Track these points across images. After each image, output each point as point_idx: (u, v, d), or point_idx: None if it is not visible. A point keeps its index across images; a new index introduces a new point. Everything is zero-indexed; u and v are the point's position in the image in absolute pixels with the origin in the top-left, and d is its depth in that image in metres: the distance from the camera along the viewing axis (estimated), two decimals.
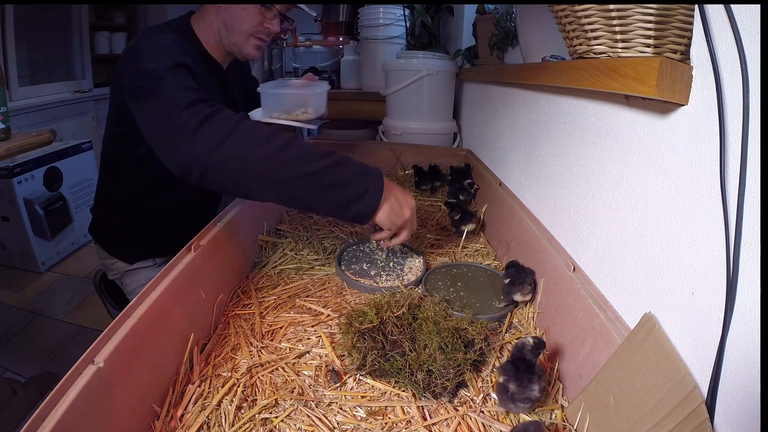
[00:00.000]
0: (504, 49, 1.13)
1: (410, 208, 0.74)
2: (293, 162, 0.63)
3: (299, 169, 0.63)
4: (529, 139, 0.90)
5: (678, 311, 0.45)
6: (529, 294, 0.71)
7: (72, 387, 0.40)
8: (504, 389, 0.50)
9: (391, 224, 0.72)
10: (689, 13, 0.43)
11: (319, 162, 0.64)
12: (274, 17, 0.95)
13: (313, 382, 0.55)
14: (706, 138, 0.41)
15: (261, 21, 0.93)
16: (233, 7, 0.90)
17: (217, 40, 0.95)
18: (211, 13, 0.93)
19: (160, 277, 0.58)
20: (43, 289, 2.09)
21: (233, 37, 0.94)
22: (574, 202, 0.69)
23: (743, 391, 0.36)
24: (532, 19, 0.83)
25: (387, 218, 0.71)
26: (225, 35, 0.94)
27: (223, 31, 0.93)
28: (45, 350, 1.66)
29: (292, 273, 0.83)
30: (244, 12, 0.91)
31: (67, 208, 2.34)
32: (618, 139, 0.57)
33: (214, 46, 0.97)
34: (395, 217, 0.71)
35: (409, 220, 0.74)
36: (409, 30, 1.81)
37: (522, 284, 0.70)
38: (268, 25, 0.94)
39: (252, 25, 0.92)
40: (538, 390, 0.49)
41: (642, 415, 0.42)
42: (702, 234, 0.42)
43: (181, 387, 0.54)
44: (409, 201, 0.74)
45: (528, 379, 0.49)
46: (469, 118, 1.55)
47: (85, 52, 3.08)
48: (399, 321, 0.58)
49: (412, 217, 0.75)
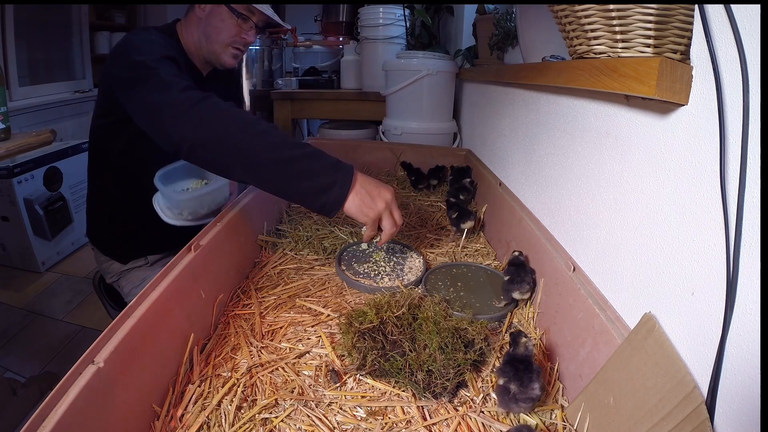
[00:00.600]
0: (504, 49, 1.13)
1: (384, 201, 0.73)
2: (270, 147, 0.68)
3: (274, 155, 0.68)
4: (529, 139, 0.90)
5: (678, 311, 0.45)
6: (527, 293, 0.71)
7: (72, 387, 0.40)
8: (505, 390, 0.50)
9: (364, 216, 0.72)
10: (689, 13, 0.43)
11: (293, 151, 0.69)
12: (251, 29, 1.03)
13: (313, 382, 0.55)
14: (706, 138, 0.41)
15: (238, 32, 1.02)
16: (212, 19, 0.99)
17: (197, 49, 1.04)
18: (192, 23, 1.02)
19: (160, 277, 0.58)
20: (43, 289, 2.09)
21: (212, 46, 1.02)
22: (574, 202, 0.69)
23: (743, 391, 0.36)
24: (532, 19, 0.83)
25: (357, 210, 0.71)
26: (204, 44, 1.02)
27: (203, 40, 1.02)
28: (45, 350, 1.66)
29: (292, 273, 0.83)
30: (223, 23, 0.99)
31: (67, 208, 2.34)
32: (618, 139, 0.57)
33: (194, 55, 1.05)
34: (366, 208, 0.71)
35: (384, 212, 0.73)
36: (409, 30, 1.81)
37: (521, 283, 0.70)
38: (245, 35, 1.03)
39: (230, 35, 1.01)
40: (539, 388, 0.49)
41: (642, 415, 0.42)
42: (702, 234, 0.42)
43: (181, 387, 0.54)
44: (383, 194, 0.73)
45: (528, 378, 0.49)
46: (469, 118, 1.55)
47: (85, 52, 3.08)
48: (399, 321, 0.58)
49: (389, 209, 0.74)
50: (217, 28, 1.00)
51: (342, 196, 0.70)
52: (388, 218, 0.74)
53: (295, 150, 0.69)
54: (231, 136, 0.68)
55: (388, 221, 0.74)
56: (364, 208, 0.71)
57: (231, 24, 1.00)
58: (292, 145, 0.69)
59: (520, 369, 0.50)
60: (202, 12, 1.00)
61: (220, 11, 0.99)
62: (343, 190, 0.70)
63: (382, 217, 0.74)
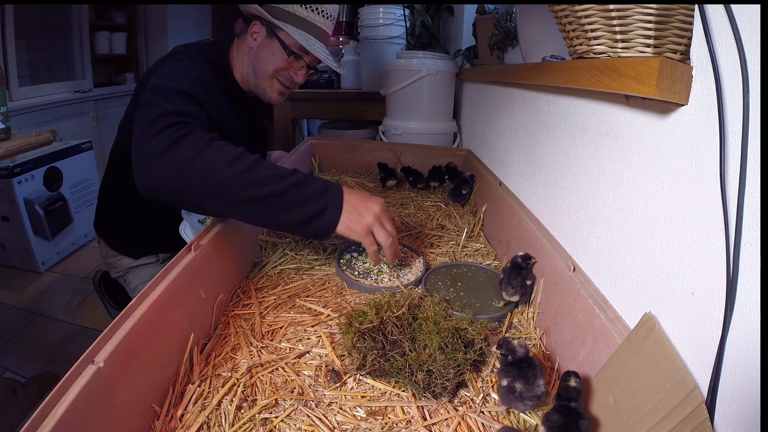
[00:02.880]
0: (504, 49, 1.13)
1: (372, 214, 0.71)
2: (256, 183, 0.65)
3: (262, 190, 0.65)
4: (529, 139, 0.90)
5: (678, 311, 0.45)
6: (514, 296, 0.69)
7: (72, 387, 0.40)
8: (511, 390, 0.50)
9: (353, 233, 0.71)
10: (689, 13, 0.43)
11: (281, 183, 0.66)
12: (301, 68, 0.97)
13: (313, 382, 0.55)
14: (706, 138, 0.41)
15: (286, 67, 0.96)
16: (261, 51, 0.95)
17: (244, 80, 1.00)
18: (243, 52, 0.98)
19: (160, 276, 0.58)
20: (43, 289, 2.09)
21: (258, 80, 0.98)
22: (574, 202, 0.69)
23: (743, 391, 0.36)
24: (532, 19, 0.83)
25: (346, 228, 0.70)
26: (252, 78, 0.98)
27: (251, 73, 0.98)
28: (45, 350, 1.66)
29: (292, 273, 0.83)
30: (272, 57, 0.94)
31: (67, 208, 2.34)
32: (618, 139, 0.57)
33: (243, 81, 1.01)
34: (354, 224, 0.70)
35: (374, 225, 0.71)
36: (409, 30, 1.81)
37: (507, 285, 0.69)
38: (293, 74, 0.97)
39: (275, 67, 0.96)
40: (543, 385, 0.50)
41: (642, 415, 0.42)
42: (702, 234, 0.42)
43: (181, 387, 0.54)
44: (370, 207, 0.71)
45: (533, 375, 0.49)
46: (469, 118, 1.55)
47: (85, 52, 3.08)
48: (399, 321, 0.58)
49: (379, 221, 0.72)
50: (264, 61, 0.95)
51: (334, 221, 0.69)
52: (380, 231, 0.72)
53: (283, 182, 0.66)
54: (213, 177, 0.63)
55: (381, 234, 0.72)
56: (351, 224, 0.70)
57: (280, 59, 0.95)
58: (280, 176, 0.66)
59: (523, 367, 0.50)
60: (253, 42, 0.96)
61: (271, 44, 0.94)
62: (335, 214, 0.69)
63: (374, 230, 0.72)
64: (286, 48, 0.94)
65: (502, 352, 0.52)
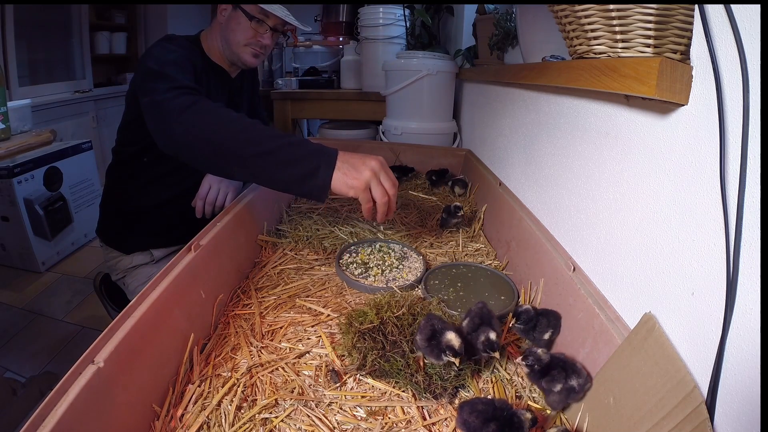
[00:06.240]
0: (504, 49, 1.13)
1: (370, 169, 0.71)
2: (254, 141, 0.70)
3: (259, 148, 0.70)
4: (529, 139, 0.90)
5: (678, 311, 0.45)
6: None
7: (72, 387, 0.40)
8: (570, 390, 0.50)
9: (349, 188, 0.70)
10: (689, 13, 0.43)
11: (277, 141, 0.71)
12: (266, 32, 1.06)
13: (313, 382, 0.55)
14: (706, 138, 0.41)
15: (254, 35, 1.05)
16: (230, 23, 1.05)
17: (221, 53, 1.10)
18: (215, 29, 1.09)
19: (160, 277, 0.58)
20: (43, 289, 2.09)
21: (231, 48, 1.07)
22: (574, 202, 0.69)
23: (743, 391, 0.36)
24: (532, 19, 0.83)
25: (342, 184, 0.70)
26: (225, 48, 1.08)
27: (224, 44, 1.08)
28: (45, 350, 1.66)
29: (292, 273, 0.83)
30: (239, 26, 1.04)
31: (67, 208, 2.34)
32: (618, 139, 0.57)
33: (219, 58, 1.11)
34: (350, 179, 0.70)
35: (372, 180, 0.71)
36: (409, 30, 1.81)
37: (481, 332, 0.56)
38: (260, 38, 1.06)
39: (245, 37, 1.05)
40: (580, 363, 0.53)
41: (642, 415, 0.42)
42: (702, 234, 0.42)
43: (181, 387, 0.54)
44: (368, 163, 0.71)
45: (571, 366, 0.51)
46: (469, 118, 1.55)
47: (85, 52, 3.08)
48: (399, 321, 0.58)
49: (377, 175, 0.71)
50: (234, 32, 1.05)
51: (328, 178, 0.70)
52: (376, 187, 0.71)
53: (279, 140, 0.71)
54: (216, 137, 0.71)
55: (377, 190, 0.71)
56: (348, 180, 0.70)
57: (246, 27, 1.04)
58: (276, 136, 0.71)
59: (567, 367, 0.51)
60: (222, 17, 1.06)
61: (236, 15, 1.03)
62: (328, 171, 0.70)
63: (371, 186, 0.71)
64: (248, 15, 1.02)
65: (529, 362, 0.51)
